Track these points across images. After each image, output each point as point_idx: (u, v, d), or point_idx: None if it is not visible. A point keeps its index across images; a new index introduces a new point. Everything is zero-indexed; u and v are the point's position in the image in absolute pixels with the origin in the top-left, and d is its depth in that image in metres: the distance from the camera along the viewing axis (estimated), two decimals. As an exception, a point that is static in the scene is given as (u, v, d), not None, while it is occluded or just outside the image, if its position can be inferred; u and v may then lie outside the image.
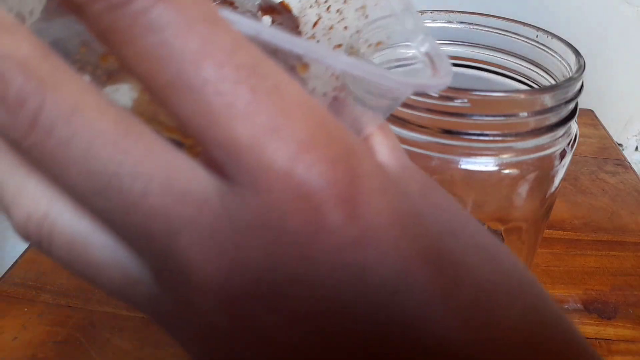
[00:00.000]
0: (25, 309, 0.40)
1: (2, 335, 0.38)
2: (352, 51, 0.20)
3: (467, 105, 0.26)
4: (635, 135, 0.70)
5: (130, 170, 0.11)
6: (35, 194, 0.12)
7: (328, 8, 0.21)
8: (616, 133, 0.67)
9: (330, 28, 0.21)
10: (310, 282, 0.11)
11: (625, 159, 0.58)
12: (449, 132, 0.27)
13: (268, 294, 0.12)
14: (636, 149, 0.71)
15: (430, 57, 0.15)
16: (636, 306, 0.41)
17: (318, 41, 0.21)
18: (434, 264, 0.12)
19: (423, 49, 0.16)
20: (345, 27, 0.20)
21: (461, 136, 0.28)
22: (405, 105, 0.27)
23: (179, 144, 0.12)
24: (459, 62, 0.35)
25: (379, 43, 0.21)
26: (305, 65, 0.14)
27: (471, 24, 0.34)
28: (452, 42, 0.35)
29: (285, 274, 0.11)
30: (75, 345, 0.37)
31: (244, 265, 0.11)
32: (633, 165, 0.57)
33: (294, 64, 0.14)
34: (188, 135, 0.11)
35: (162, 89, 0.11)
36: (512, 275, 0.14)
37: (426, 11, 0.35)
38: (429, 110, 0.27)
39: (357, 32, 0.20)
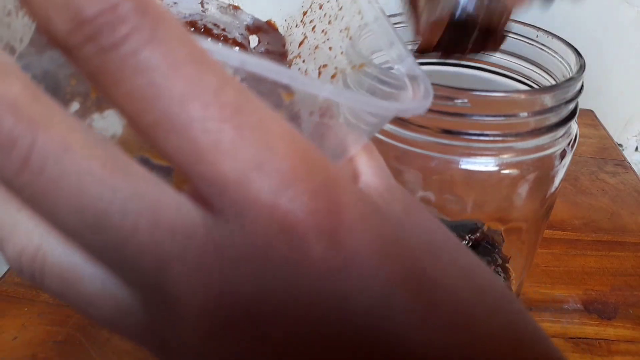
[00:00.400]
0: (25, 309, 0.40)
1: (2, 335, 0.38)
2: (337, 71, 0.21)
3: (467, 105, 0.26)
4: (635, 136, 0.70)
5: (119, 208, 0.11)
6: (28, 228, 0.12)
7: (313, 28, 0.22)
8: (616, 133, 0.67)
9: (316, 48, 0.21)
10: (296, 310, 0.12)
11: (625, 159, 0.58)
12: (449, 132, 0.28)
13: (256, 323, 0.12)
14: (636, 149, 0.71)
15: (410, 78, 0.16)
16: (636, 306, 0.41)
17: (304, 61, 0.22)
18: (413, 287, 0.13)
19: (403, 69, 0.16)
20: (330, 48, 0.21)
21: (461, 136, 0.28)
22: (406, 105, 0.27)
23: (168, 170, 0.13)
24: (459, 62, 0.35)
25: (361, 65, 0.22)
26: (291, 93, 0.15)
27: (471, 24, 0.34)
28: (452, 42, 0.35)
29: (272, 303, 0.12)
30: (75, 345, 0.37)
31: (231, 296, 0.12)
32: (633, 166, 0.58)
33: (279, 91, 0.14)
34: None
35: (150, 127, 0.11)
36: (490, 292, 0.15)
37: (426, 11, 0.35)
38: (429, 110, 0.27)
39: (342, 53, 0.21)
